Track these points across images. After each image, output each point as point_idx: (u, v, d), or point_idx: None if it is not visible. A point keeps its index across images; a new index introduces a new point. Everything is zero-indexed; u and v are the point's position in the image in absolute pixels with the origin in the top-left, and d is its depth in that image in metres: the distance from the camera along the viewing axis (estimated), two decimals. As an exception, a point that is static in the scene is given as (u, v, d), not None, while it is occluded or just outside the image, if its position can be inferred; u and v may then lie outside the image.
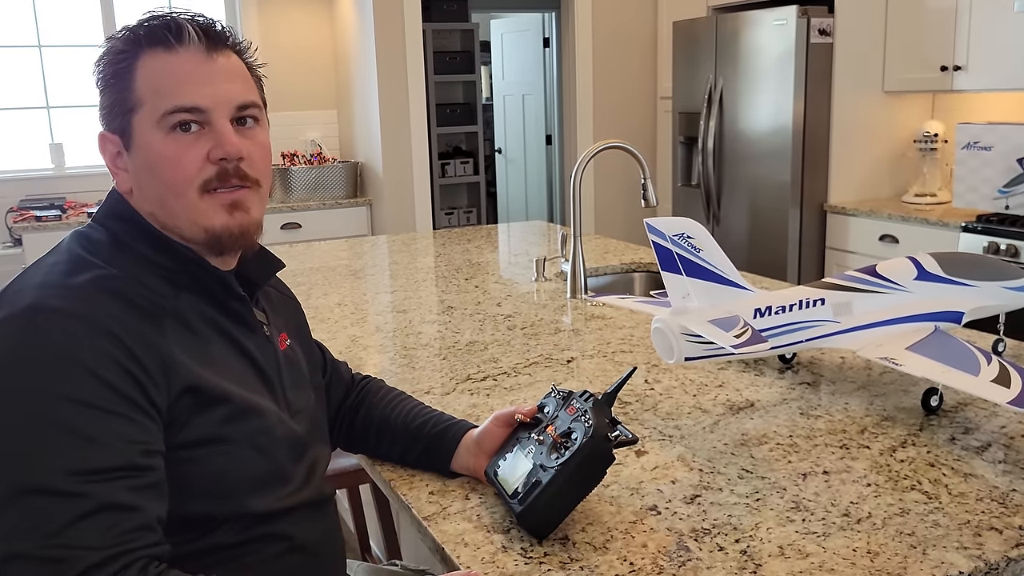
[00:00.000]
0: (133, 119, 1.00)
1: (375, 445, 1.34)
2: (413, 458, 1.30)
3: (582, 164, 2.32)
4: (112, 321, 0.92)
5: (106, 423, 0.89)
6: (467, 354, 1.85)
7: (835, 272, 3.98)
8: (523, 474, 1.11)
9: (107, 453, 0.88)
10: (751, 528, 1.10)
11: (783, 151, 3.94)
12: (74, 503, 0.85)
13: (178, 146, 1.00)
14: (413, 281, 2.60)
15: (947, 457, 1.28)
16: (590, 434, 1.06)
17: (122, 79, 1.00)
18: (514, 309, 2.21)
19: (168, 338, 0.97)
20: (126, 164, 1.03)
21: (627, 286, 2.76)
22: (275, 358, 1.13)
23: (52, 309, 0.91)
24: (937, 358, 1.36)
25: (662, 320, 1.39)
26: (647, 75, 5.24)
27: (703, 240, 1.39)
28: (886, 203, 3.93)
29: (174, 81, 0.99)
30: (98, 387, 0.89)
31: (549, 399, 1.20)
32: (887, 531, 1.08)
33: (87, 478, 0.86)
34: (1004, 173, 3.29)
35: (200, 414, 0.98)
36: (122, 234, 1.03)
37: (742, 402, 1.53)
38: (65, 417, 0.87)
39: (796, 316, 1.43)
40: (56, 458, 0.86)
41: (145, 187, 1.03)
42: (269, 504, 1.05)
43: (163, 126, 1.00)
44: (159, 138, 1.00)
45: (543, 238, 3.29)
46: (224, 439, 1.00)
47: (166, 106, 0.99)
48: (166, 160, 1.00)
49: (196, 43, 1.01)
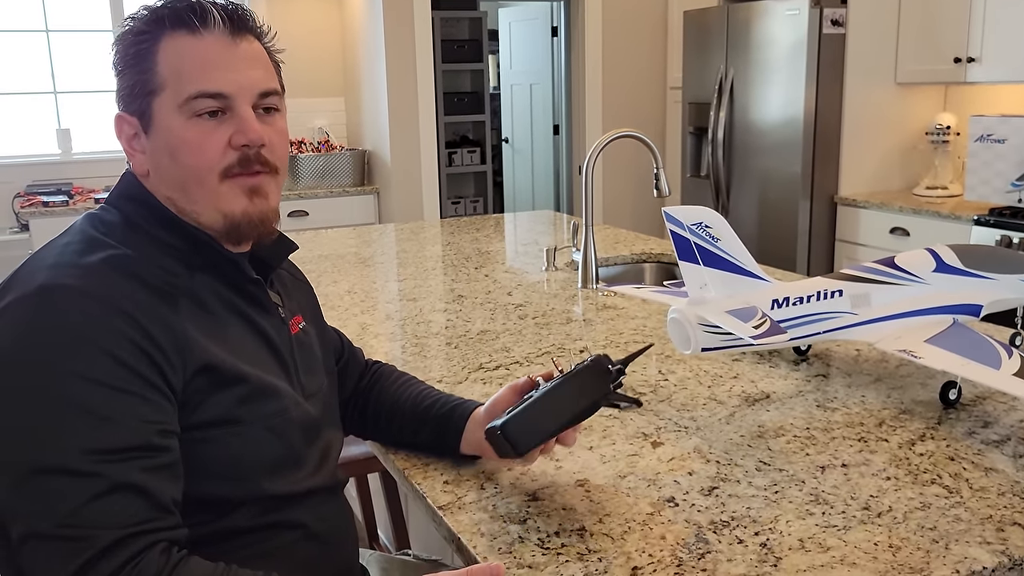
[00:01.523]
0: (154, 102, 0.99)
1: (386, 429, 1.32)
2: (423, 440, 1.27)
3: (595, 153, 2.30)
4: (126, 300, 0.92)
5: (121, 402, 0.88)
6: (478, 343, 1.84)
7: (845, 264, 3.97)
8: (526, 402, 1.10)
9: (122, 433, 0.87)
10: (770, 521, 1.08)
11: (794, 142, 3.91)
12: (89, 483, 0.84)
13: (200, 131, 0.99)
14: (422, 269, 2.59)
15: (967, 451, 1.27)
16: (587, 361, 1.09)
17: (143, 60, 0.99)
18: (525, 298, 2.20)
19: (183, 317, 0.96)
20: (143, 146, 1.02)
21: (637, 276, 2.74)
22: (289, 340, 1.13)
23: (65, 288, 0.90)
24: (956, 351, 1.34)
25: (679, 310, 1.37)
26: (657, 65, 5.21)
27: (721, 229, 1.37)
28: (897, 195, 3.91)
29: (198, 65, 0.98)
30: (113, 366, 0.88)
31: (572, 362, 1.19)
32: (908, 525, 1.06)
33: (102, 457, 0.86)
34: (1017, 166, 3.27)
35: (215, 394, 0.97)
36: (135, 215, 1.02)
37: (758, 394, 1.51)
38: (80, 396, 0.86)
39: (814, 307, 1.42)
40: (71, 437, 0.85)
41: (164, 170, 1.01)
42: (284, 487, 1.04)
43: (185, 111, 0.98)
44: (180, 122, 0.99)
45: (551, 227, 3.28)
46: (239, 420, 0.99)
47: (189, 91, 0.98)
48: (188, 145, 0.99)
49: (220, 27, 1.00)
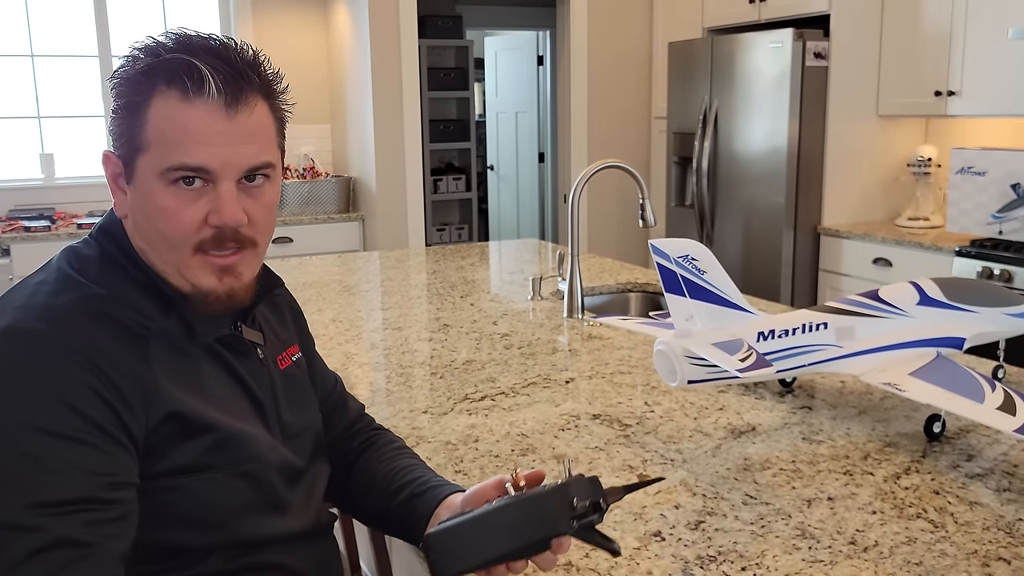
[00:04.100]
0: (138, 158, 0.96)
1: (359, 500, 1.20)
2: (391, 519, 1.13)
3: (581, 183, 2.31)
4: (89, 346, 0.89)
5: (70, 453, 0.85)
6: (464, 373, 1.83)
7: (828, 294, 3.99)
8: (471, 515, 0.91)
9: (66, 485, 0.84)
10: (757, 556, 1.08)
11: (777, 173, 3.95)
12: (28, 537, 0.81)
13: (178, 201, 0.95)
14: (407, 298, 2.58)
15: (951, 485, 1.27)
16: (555, 485, 0.89)
17: (134, 113, 0.95)
18: (510, 328, 2.20)
19: (152, 361, 0.94)
20: (125, 189, 1.00)
21: (623, 306, 2.75)
22: (269, 381, 1.09)
23: (26, 332, 0.88)
24: (941, 384, 1.35)
25: (665, 342, 1.37)
26: (642, 95, 5.25)
27: (707, 262, 1.38)
28: (879, 226, 3.94)
29: (184, 136, 0.93)
30: (66, 414, 0.85)
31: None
32: (894, 560, 1.06)
33: (44, 511, 0.82)
34: (998, 198, 3.30)
35: (183, 443, 0.94)
36: (113, 251, 1.00)
37: (743, 426, 1.51)
38: (27, 446, 0.83)
39: (799, 340, 1.42)
40: (14, 490, 0.82)
41: (140, 225, 0.99)
42: (260, 531, 1.02)
43: (165, 178, 0.95)
44: (159, 188, 0.95)
45: (536, 256, 3.28)
46: (209, 467, 0.96)
47: (171, 161, 0.94)
48: (163, 213, 0.96)
49: (215, 98, 0.94)
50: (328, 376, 1.29)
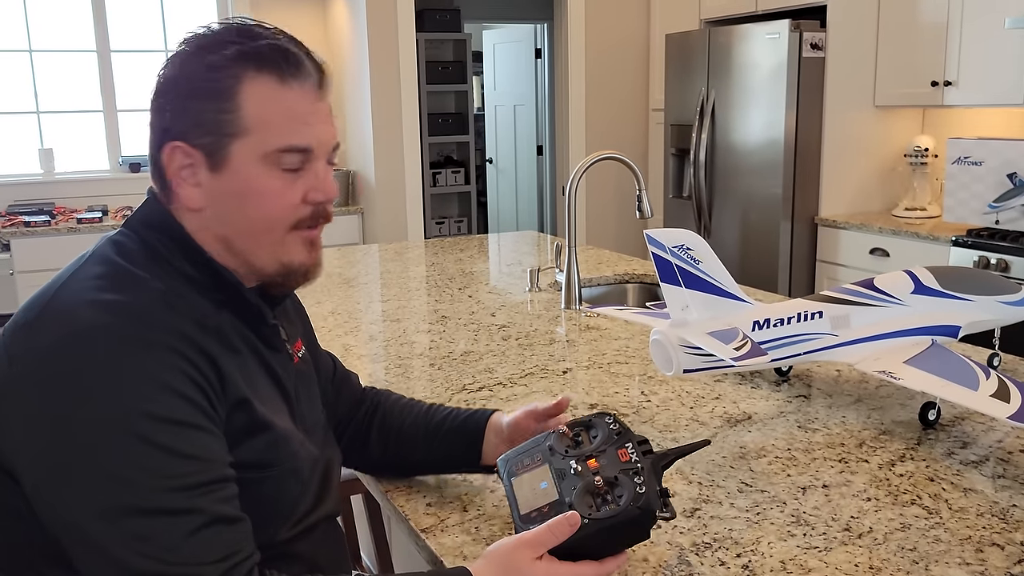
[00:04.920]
0: (232, 144, 0.94)
1: (394, 456, 1.27)
2: (438, 457, 1.25)
3: (578, 174, 2.31)
4: (172, 335, 0.89)
5: (194, 437, 0.87)
6: (462, 364, 1.84)
7: (826, 284, 4.00)
8: (545, 501, 0.97)
9: (203, 467, 0.86)
10: (752, 542, 1.09)
11: (775, 164, 3.95)
12: (184, 520, 0.83)
13: (281, 183, 0.96)
14: (406, 290, 2.59)
15: (946, 472, 1.28)
16: (639, 503, 0.92)
17: (224, 99, 0.93)
18: (508, 319, 2.20)
19: (220, 350, 0.94)
20: (200, 181, 0.96)
21: (620, 297, 2.75)
22: (293, 375, 1.10)
23: (109, 326, 0.87)
24: (936, 372, 1.36)
25: (661, 332, 1.38)
26: (639, 87, 5.25)
27: (702, 252, 1.39)
28: (876, 217, 3.95)
29: (288, 118, 0.94)
30: (175, 399, 0.86)
31: (600, 423, 1.04)
32: (889, 546, 1.07)
33: (192, 493, 0.84)
34: (994, 188, 3.31)
35: (248, 438, 0.95)
36: (158, 245, 0.97)
37: (739, 415, 1.52)
38: (154, 434, 0.84)
39: (794, 329, 1.43)
40: (158, 477, 0.83)
41: (225, 212, 0.97)
42: (296, 526, 1.03)
43: (268, 162, 0.95)
44: (260, 172, 0.95)
45: (535, 248, 3.29)
46: (269, 464, 0.97)
47: (278, 144, 0.94)
48: (266, 196, 0.96)
49: (311, 81, 0.97)
50: (326, 358, 1.31)
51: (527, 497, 0.99)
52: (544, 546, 0.91)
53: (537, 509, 0.97)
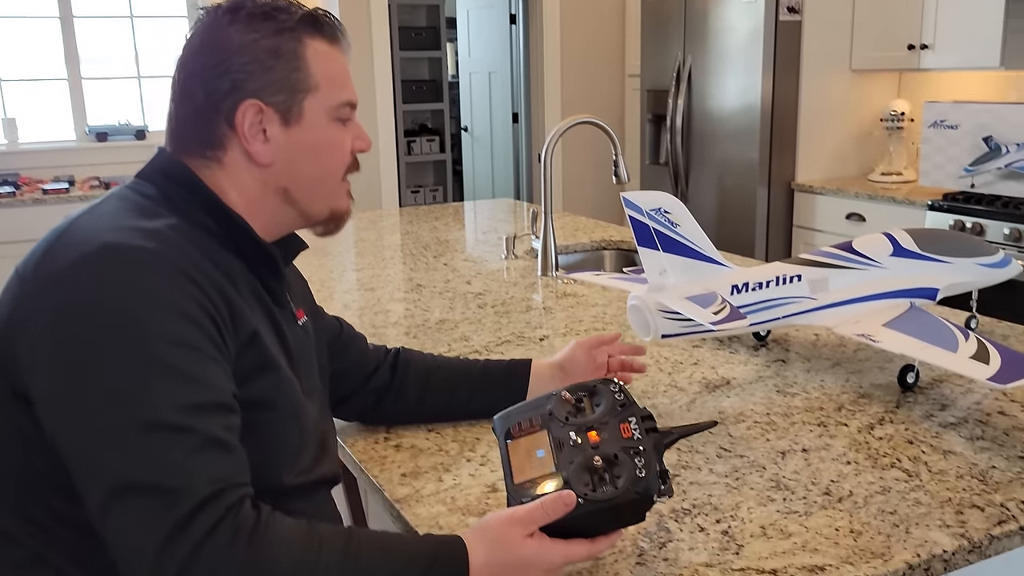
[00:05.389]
0: (305, 100, 1.02)
1: (433, 406, 1.34)
2: (482, 405, 1.32)
3: (553, 140, 2.28)
4: (187, 262, 0.91)
5: (199, 361, 0.88)
6: (437, 332, 1.81)
7: (802, 250, 4.00)
8: (540, 472, 0.94)
9: (206, 391, 0.87)
10: (731, 508, 1.08)
11: (751, 129, 3.93)
12: (184, 437, 0.84)
13: (340, 134, 1.06)
14: (380, 259, 2.55)
15: (925, 434, 1.27)
16: (638, 488, 0.90)
17: (292, 58, 1.01)
18: (484, 287, 2.18)
19: (230, 289, 0.96)
20: (271, 136, 1.02)
21: (597, 263, 2.73)
22: (295, 336, 1.11)
23: (133, 248, 0.89)
24: (914, 335, 1.35)
25: (638, 297, 1.36)
26: (615, 52, 5.20)
27: (680, 215, 1.36)
28: (853, 182, 3.94)
29: (343, 75, 1.06)
30: (187, 325, 0.88)
31: (604, 390, 1.00)
32: (869, 509, 1.06)
33: (193, 413, 0.85)
34: (970, 151, 3.31)
35: (257, 376, 0.97)
36: (173, 193, 1.01)
37: (718, 380, 1.51)
38: (165, 354, 0.85)
39: (773, 293, 1.41)
40: (164, 394, 0.85)
41: (295, 164, 1.04)
42: (295, 479, 1.03)
43: (331, 115, 1.05)
44: (326, 123, 1.05)
45: (511, 216, 3.26)
46: (273, 404, 0.99)
47: (341, 98, 1.05)
48: (332, 145, 1.06)
49: (346, 43, 1.08)
50: (332, 321, 1.33)
51: (522, 464, 0.95)
52: (535, 523, 0.90)
53: (531, 480, 0.93)
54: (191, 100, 1.01)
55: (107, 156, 4.72)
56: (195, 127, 1.01)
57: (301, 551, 0.84)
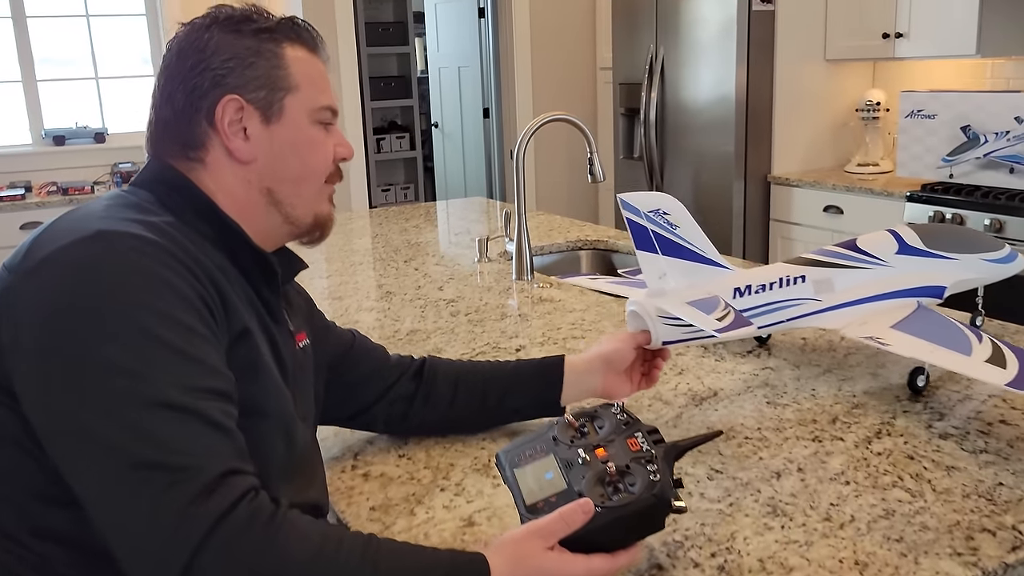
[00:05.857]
0: (287, 98, 1.01)
1: (465, 408, 1.29)
2: (515, 404, 1.28)
3: (525, 138, 2.19)
4: (184, 252, 0.89)
5: (200, 343, 0.85)
6: (408, 344, 1.72)
7: (779, 244, 3.95)
8: (552, 491, 0.91)
9: (208, 373, 0.85)
10: (726, 539, 1.00)
11: (726, 122, 3.86)
12: (190, 417, 0.81)
13: (321, 136, 1.05)
14: (349, 264, 2.45)
15: (925, 448, 1.20)
16: (654, 491, 0.87)
17: (273, 57, 1.01)
18: (457, 293, 2.09)
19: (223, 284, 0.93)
20: (251, 133, 1.00)
21: (573, 264, 2.65)
22: (293, 357, 1.07)
23: (126, 234, 0.87)
24: (925, 336, 1.29)
25: (637, 303, 1.29)
26: (586, 45, 5.12)
27: (680, 216, 1.29)
28: (829, 174, 3.89)
29: (323, 81, 1.05)
30: (187, 308, 0.86)
31: (606, 413, 1.00)
32: (873, 537, 0.99)
33: (198, 395, 0.82)
34: (948, 141, 3.26)
35: (249, 378, 0.92)
36: (166, 197, 0.98)
37: (704, 391, 1.43)
38: (164, 334, 0.82)
39: (776, 295, 1.35)
40: (166, 372, 0.82)
41: (277, 162, 1.02)
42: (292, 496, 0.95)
43: (312, 118, 1.04)
44: (307, 124, 1.04)
45: (484, 215, 3.17)
46: (263, 412, 0.94)
47: (321, 102, 1.04)
48: (314, 145, 1.04)
49: (325, 53, 1.08)
50: (343, 334, 1.29)
51: (532, 488, 0.93)
52: (555, 535, 0.86)
53: (544, 499, 0.91)
54: (171, 103, 0.99)
55: (65, 160, 4.57)
56: (176, 129, 1.00)
57: (320, 546, 0.80)
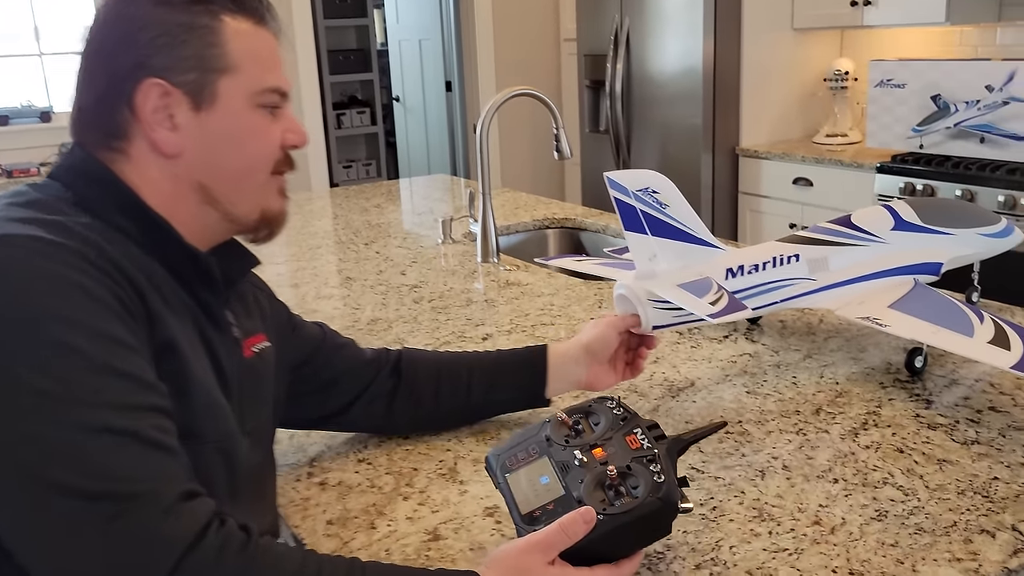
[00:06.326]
0: (220, 81, 0.88)
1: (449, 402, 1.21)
2: (500, 397, 1.22)
3: (488, 115, 2.10)
4: (98, 253, 0.78)
5: (127, 356, 0.76)
6: (368, 335, 1.64)
7: (748, 217, 3.90)
8: (549, 498, 0.86)
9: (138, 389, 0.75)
10: (711, 547, 0.93)
11: (693, 93, 3.79)
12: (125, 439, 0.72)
13: (265, 123, 0.92)
14: (307, 248, 2.35)
15: (915, 439, 1.14)
16: (660, 494, 0.82)
17: (208, 34, 0.87)
18: (420, 278, 2.00)
19: (147, 288, 0.82)
20: (179, 123, 0.87)
21: (541, 244, 2.57)
22: (238, 367, 0.95)
23: (31, 237, 0.76)
24: (924, 316, 1.23)
25: (626, 286, 1.22)
26: (549, 16, 5.00)
27: (669, 194, 1.22)
28: (798, 145, 3.83)
29: (270, 59, 0.92)
30: (110, 317, 0.76)
31: (601, 408, 0.94)
32: (866, 542, 0.92)
33: (132, 412, 0.74)
34: (918, 111, 3.21)
35: (180, 398, 0.82)
36: (84, 191, 0.87)
37: (681, 381, 1.36)
38: (87, 347, 0.73)
39: (770, 275, 1.28)
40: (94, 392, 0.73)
41: (210, 155, 0.89)
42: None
43: (254, 101, 0.91)
44: (247, 110, 0.90)
45: (448, 194, 3.07)
46: (199, 435, 0.84)
47: (265, 83, 0.91)
48: (255, 134, 0.91)
49: (275, 24, 0.95)
50: (311, 330, 1.18)
51: (527, 495, 0.87)
52: (556, 549, 0.81)
53: (541, 507, 0.85)
54: (93, 85, 0.88)
55: (9, 141, 4.39)
56: (97, 116, 0.88)
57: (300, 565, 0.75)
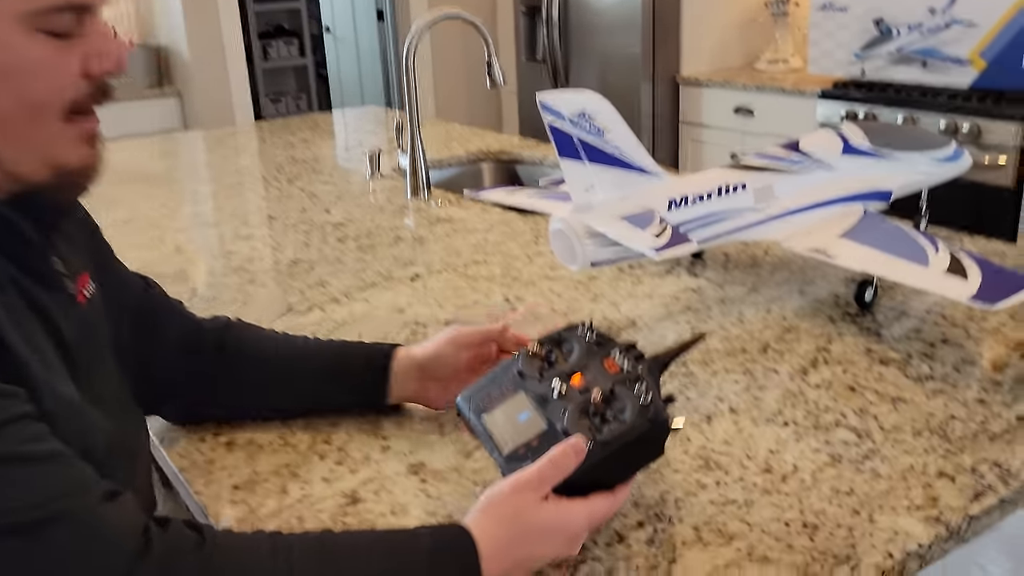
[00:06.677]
0: None
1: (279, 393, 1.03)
2: (333, 397, 1.03)
3: (415, 39, 1.97)
4: None
5: None
6: (288, 278, 1.52)
7: (690, 148, 3.82)
8: (532, 433, 0.80)
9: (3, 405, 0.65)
10: (655, 503, 0.86)
11: (632, 20, 3.66)
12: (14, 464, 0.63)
13: (51, 51, 0.71)
14: (225, 186, 2.20)
15: (866, 376, 1.08)
16: (649, 415, 0.77)
17: None
18: (346, 215, 1.88)
19: None
20: None
21: (475, 179, 2.46)
22: (75, 323, 0.80)
23: None
24: (875, 246, 1.17)
25: (563, 220, 1.13)
26: (483, -61, 4.79)
27: (607, 118, 1.13)
28: (739, 73, 3.74)
29: None
30: None
31: (572, 336, 0.87)
32: (820, 491, 0.86)
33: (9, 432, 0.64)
34: (860, 36, 3.14)
35: None
36: None
37: (622, 320, 1.28)
38: None
39: (715, 205, 1.20)
40: None
41: None
42: None
43: (28, 23, 0.69)
44: (21, 38, 0.69)
45: (380, 126, 2.93)
46: None
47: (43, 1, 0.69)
48: (35, 68, 0.70)
49: None
50: (135, 281, 1.03)
51: (507, 434, 0.81)
52: (548, 483, 0.75)
53: (525, 444, 0.79)
54: None
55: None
56: None
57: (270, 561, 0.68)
